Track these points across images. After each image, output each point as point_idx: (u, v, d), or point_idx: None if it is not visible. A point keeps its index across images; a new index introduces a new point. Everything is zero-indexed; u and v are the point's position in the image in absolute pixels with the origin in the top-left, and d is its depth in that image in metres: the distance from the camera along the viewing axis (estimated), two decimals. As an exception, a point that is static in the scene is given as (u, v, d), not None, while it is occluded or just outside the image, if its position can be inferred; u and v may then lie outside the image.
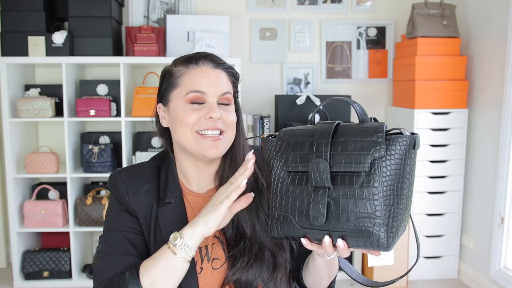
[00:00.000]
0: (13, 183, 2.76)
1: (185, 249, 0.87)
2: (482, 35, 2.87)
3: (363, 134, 0.78)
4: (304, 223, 0.81)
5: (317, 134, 0.82)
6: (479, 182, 2.88)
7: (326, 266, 0.98)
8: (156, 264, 0.88)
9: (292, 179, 0.84)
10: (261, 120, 2.95)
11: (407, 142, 0.76)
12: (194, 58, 0.99)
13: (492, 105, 2.75)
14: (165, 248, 0.89)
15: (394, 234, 0.76)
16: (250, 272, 0.96)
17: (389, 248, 0.75)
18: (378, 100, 3.32)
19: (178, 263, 0.87)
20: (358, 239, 0.77)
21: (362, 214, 0.75)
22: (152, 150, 2.94)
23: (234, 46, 3.20)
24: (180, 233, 0.89)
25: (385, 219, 0.75)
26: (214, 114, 0.94)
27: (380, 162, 0.76)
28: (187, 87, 0.97)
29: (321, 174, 0.79)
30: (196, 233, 0.88)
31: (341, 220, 0.77)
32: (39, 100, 2.73)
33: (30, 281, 2.83)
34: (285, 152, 0.85)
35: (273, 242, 0.98)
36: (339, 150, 0.79)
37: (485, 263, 2.77)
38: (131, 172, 1.03)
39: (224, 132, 0.97)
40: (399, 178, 0.76)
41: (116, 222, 0.99)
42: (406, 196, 0.78)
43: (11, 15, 2.77)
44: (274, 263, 0.98)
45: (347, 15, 3.24)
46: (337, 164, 0.78)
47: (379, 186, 0.75)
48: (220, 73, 0.99)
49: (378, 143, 0.76)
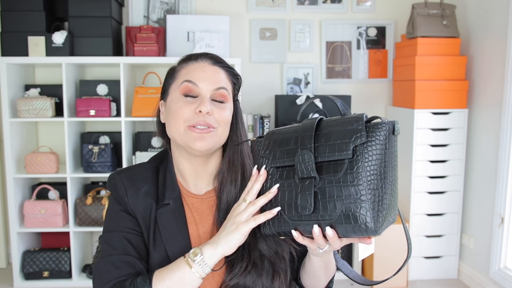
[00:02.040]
0: (13, 183, 2.76)
1: (203, 266, 0.88)
2: (482, 35, 2.87)
3: (344, 124, 0.81)
4: (293, 215, 0.83)
5: (301, 129, 0.85)
6: (479, 182, 2.88)
7: (322, 266, 0.98)
8: (171, 275, 0.88)
9: (280, 174, 0.86)
10: (261, 120, 2.95)
11: (387, 128, 0.79)
12: (195, 55, 1.02)
13: (492, 105, 2.75)
14: (182, 261, 0.89)
15: (382, 219, 0.77)
16: (248, 278, 0.95)
17: (377, 232, 0.76)
18: (378, 100, 3.32)
19: (193, 279, 0.88)
20: (346, 226, 0.78)
21: (348, 199, 0.77)
22: (152, 150, 2.94)
23: (234, 46, 3.20)
24: (201, 250, 0.89)
25: (370, 203, 0.76)
26: (203, 107, 0.94)
27: (362, 149, 0.78)
28: (182, 78, 0.99)
29: (307, 165, 0.81)
30: (217, 253, 0.88)
31: (328, 208, 0.79)
32: (39, 100, 2.73)
33: (30, 281, 2.83)
34: (273, 150, 0.88)
35: (272, 251, 0.98)
36: (323, 141, 0.82)
37: (485, 263, 2.77)
38: (131, 173, 1.03)
39: (214, 129, 0.97)
40: (381, 163, 0.78)
41: (115, 222, 0.99)
42: (390, 181, 0.79)
43: (11, 15, 2.77)
44: (272, 271, 0.97)
45: (347, 15, 3.24)
46: (321, 155, 0.81)
47: (362, 171, 0.77)
48: (218, 70, 1.00)
49: (358, 130, 0.78)
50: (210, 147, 0.97)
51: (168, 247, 0.97)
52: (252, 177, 0.90)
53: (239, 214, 0.88)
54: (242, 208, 0.89)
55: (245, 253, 0.96)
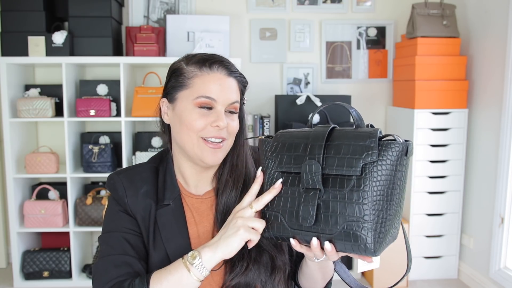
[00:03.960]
0: (13, 183, 2.76)
1: (201, 270, 0.86)
2: (482, 35, 2.87)
3: (356, 139, 0.79)
4: (294, 223, 0.82)
5: (312, 136, 0.83)
6: (479, 182, 2.88)
7: (319, 270, 0.98)
8: (169, 278, 0.88)
9: (285, 179, 0.85)
10: (261, 120, 2.95)
11: (400, 149, 0.76)
12: (208, 62, 0.97)
13: (492, 105, 2.75)
14: (180, 264, 0.88)
15: (382, 240, 0.76)
16: (249, 276, 0.95)
17: (375, 253, 0.75)
18: (378, 100, 3.32)
19: (190, 282, 0.87)
20: (345, 243, 0.77)
21: (351, 217, 0.76)
22: (152, 150, 2.94)
23: (234, 46, 3.20)
24: (199, 253, 0.87)
25: (373, 224, 0.75)
26: (221, 123, 0.94)
27: (371, 167, 0.76)
28: (197, 91, 0.95)
29: (313, 176, 0.79)
30: (216, 256, 0.87)
31: (330, 222, 0.78)
32: (39, 100, 2.73)
33: (30, 281, 2.83)
34: (280, 153, 0.86)
35: (272, 245, 0.98)
36: (332, 153, 0.80)
37: (485, 263, 2.77)
38: (130, 173, 1.02)
39: (225, 140, 0.97)
40: (389, 184, 0.76)
41: (114, 223, 0.99)
42: (396, 202, 0.77)
43: (11, 15, 2.77)
44: (272, 266, 0.97)
45: (347, 15, 3.24)
46: (329, 167, 0.79)
47: (369, 190, 0.75)
48: (232, 81, 0.98)
49: (370, 148, 0.76)
50: (221, 160, 0.98)
51: (168, 247, 0.97)
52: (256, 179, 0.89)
53: (241, 217, 0.87)
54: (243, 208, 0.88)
55: (245, 251, 0.95)
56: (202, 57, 0.98)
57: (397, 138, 0.77)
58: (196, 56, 0.99)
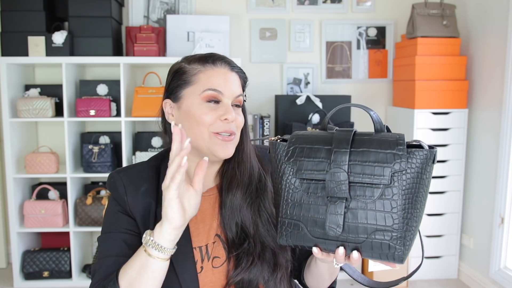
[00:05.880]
0: (13, 183, 2.76)
1: (157, 248, 0.85)
2: (482, 35, 2.87)
3: (383, 146, 0.77)
4: (316, 232, 0.79)
5: (335, 142, 0.80)
6: (479, 182, 2.88)
7: (328, 270, 0.98)
8: (132, 265, 0.87)
9: (305, 187, 0.82)
10: (261, 120, 2.95)
11: (427, 156, 0.75)
12: (211, 58, 0.99)
13: (492, 105, 2.75)
14: (140, 250, 0.88)
15: (409, 247, 0.76)
16: (253, 272, 0.95)
17: (404, 261, 0.75)
18: (378, 100, 3.32)
19: (152, 262, 0.85)
20: (373, 251, 0.76)
21: (380, 227, 0.75)
22: (152, 150, 2.94)
23: (234, 46, 3.20)
24: (151, 232, 0.87)
25: (402, 233, 0.74)
26: (230, 115, 0.95)
27: (400, 175, 0.75)
28: (203, 84, 0.96)
29: (340, 185, 0.77)
30: (164, 230, 0.84)
31: (357, 232, 0.76)
32: (39, 100, 2.73)
33: (30, 281, 2.83)
34: (298, 159, 0.83)
35: (275, 242, 0.98)
36: (358, 160, 0.77)
37: (485, 263, 2.77)
38: (130, 172, 1.02)
39: (234, 134, 0.98)
40: (416, 191, 0.75)
41: (113, 223, 0.99)
42: (419, 209, 0.77)
43: (11, 15, 2.77)
44: (275, 262, 0.98)
45: (347, 15, 3.24)
46: (355, 175, 0.77)
47: (398, 199, 0.74)
48: (235, 76, 1.00)
49: (399, 156, 0.75)
50: (232, 154, 0.98)
51: None
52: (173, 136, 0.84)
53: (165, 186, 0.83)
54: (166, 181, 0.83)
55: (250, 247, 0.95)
56: (203, 55, 1.01)
57: (423, 144, 0.76)
58: (196, 56, 1.02)
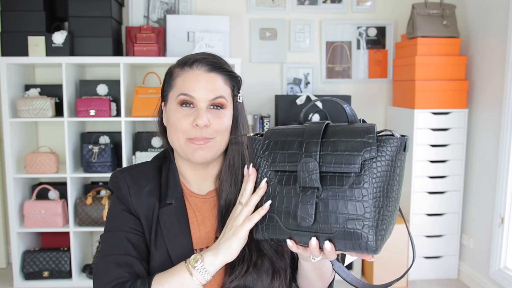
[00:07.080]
0: (13, 183, 2.76)
1: (203, 273, 0.86)
2: (482, 35, 2.87)
3: (353, 135, 0.77)
4: (290, 224, 0.79)
5: (307, 133, 0.80)
6: (479, 182, 2.88)
7: (314, 270, 0.97)
8: (170, 280, 0.87)
9: (279, 179, 0.82)
10: (261, 120, 2.95)
11: (398, 144, 0.75)
12: (190, 60, 0.97)
13: (492, 105, 2.75)
14: (183, 267, 0.87)
15: (382, 237, 0.75)
16: (248, 279, 0.95)
17: (377, 251, 0.74)
18: (378, 100, 3.32)
19: (192, 286, 0.86)
20: (346, 242, 0.75)
21: (351, 215, 0.74)
22: (152, 150, 2.94)
23: (234, 46, 3.20)
24: (202, 256, 0.86)
25: (374, 221, 0.73)
26: (200, 121, 0.93)
27: (370, 163, 0.74)
28: (178, 89, 0.96)
29: (310, 174, 0.77)
30: (218, 260, 0.86)
31: (329, 221, 0.76)
32: (39, 100, 2.73)
33: (30, 281, 2.83)
34: (273, 151, 0.83)
35: (272, 250, 0.97)
36: (329, 150, 0.77)
37: (485, 263, 2.77)
38: (134, 172, 1.02)
39: (212, 139, 0.96)
40: (388, 180, 0.75)
41: (117, 222, 0.98)
42: (394, 198, 0.76)
43: (11, 15, 2.77)
44: (272, 270, 0.97)
45: (347, 15, 3.24)
46: (326, 164, 0.77)
47: (369, 187, 0.74)
48: (214, 76, 0.96)
49: (369, 144, 0.75)
50: (209, 157, 0.97)
51: (169, 247, 0.97)
52: (245, 178, 0.87)
53: (235, 217, 0.86)
54: (238, 212, 0.86)
55: (245, 254, 0.95)
56: (188, 57, 1.00)
57: (395, 133, 0.76)
58: (184, 57, 1.01)
